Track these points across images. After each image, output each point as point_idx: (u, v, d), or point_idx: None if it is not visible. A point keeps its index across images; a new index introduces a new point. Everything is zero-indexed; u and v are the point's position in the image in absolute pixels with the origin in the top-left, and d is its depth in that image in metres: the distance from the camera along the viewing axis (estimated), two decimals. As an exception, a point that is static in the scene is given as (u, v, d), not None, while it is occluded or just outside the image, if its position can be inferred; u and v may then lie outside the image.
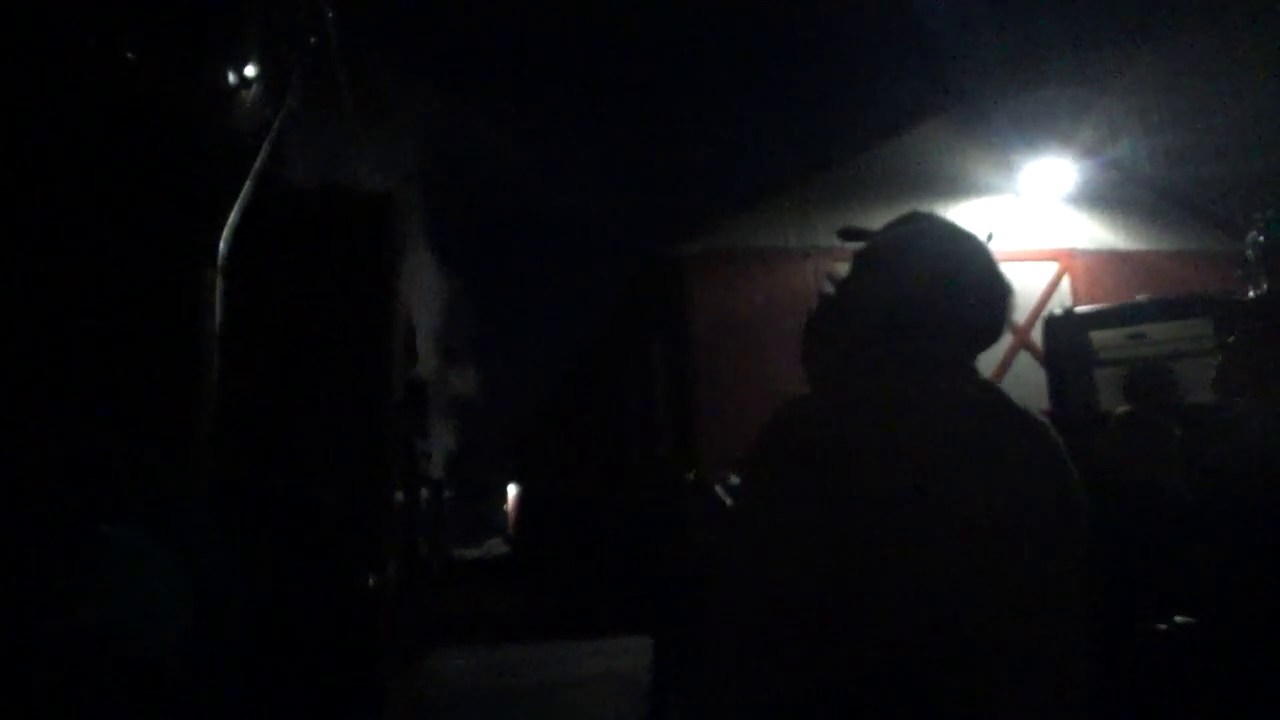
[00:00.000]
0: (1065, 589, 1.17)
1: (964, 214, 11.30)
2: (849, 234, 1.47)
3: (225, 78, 3.69)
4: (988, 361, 1.41)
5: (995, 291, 1.35)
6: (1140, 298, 5.65)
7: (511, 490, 38.32)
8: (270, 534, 3.98)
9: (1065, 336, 5.21)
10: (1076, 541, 1.19)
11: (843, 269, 1.44)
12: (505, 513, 40.67)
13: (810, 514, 1.22)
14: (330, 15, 5.40)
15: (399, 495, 6.40)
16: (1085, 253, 11.79)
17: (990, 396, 1.29)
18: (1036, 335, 8.37)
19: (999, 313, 1.35)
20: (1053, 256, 11.68)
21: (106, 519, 2.77)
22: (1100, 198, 11.87)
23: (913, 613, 1.14)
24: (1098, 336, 5.15)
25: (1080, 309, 5.99)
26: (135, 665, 2.36)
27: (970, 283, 1.34)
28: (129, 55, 3.38)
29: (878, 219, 1.51)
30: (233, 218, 3.42)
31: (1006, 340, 10.79)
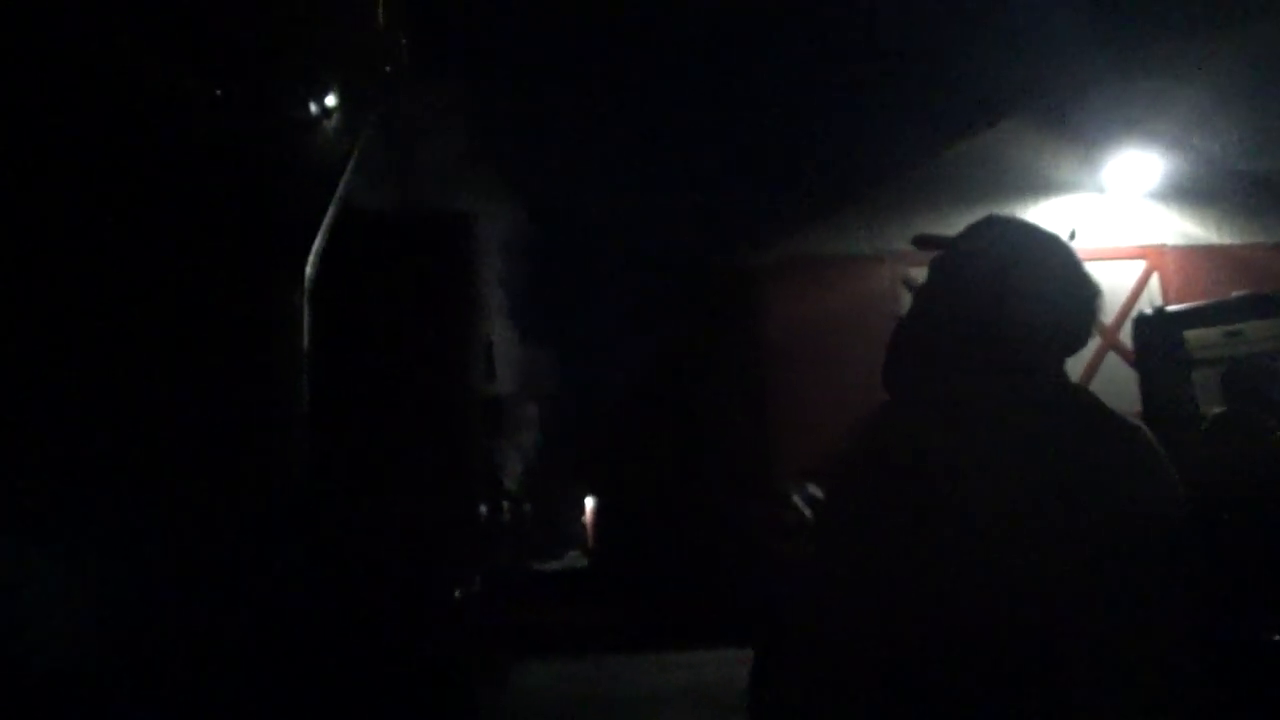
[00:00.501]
0: (1165, 598, 1.13)
1: (1045, 213, 11.03)
2: (924, 241, 1.45)
3: (307, 109, 3.84)
4: (1074, 365, 1.37)
5: (1082, 293, 1.31)
6: (1236, 293, 5.41)
7: (589, 503, 38.52)
8: (359, 549, 4.09)
9: (1157, 336, 5.02)
10: (1176, 549, 1.15)
11: (920, 274, 1.41)
12: (583, 525, 40.87)
13: (895, 526, 1.21)
14: (404, 44, 5.56)
15: (481, 509, 6.50)
16: (1175, 248, 11.34)
17: (1081, 401, 1.26)
18: (1125, 336, 8.09)
19: (1087, 315, 1.31)
20: (1140, 254, 11.26)
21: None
22: (1189, 191, 11.40)
23: (1002, 625, 1.11)
24: (1192, 335, 4.95)
25: (1172, 307, 5.76)
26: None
27: (1054, 285, 1.30)
28: (218, 92, 3.54)
29: (954, 222, 1.48)
30: (318, 242, 3.54)
31: (1095, 342, 10.41)
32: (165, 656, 2.68)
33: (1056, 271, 1.31)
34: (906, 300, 1.44)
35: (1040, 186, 11.14)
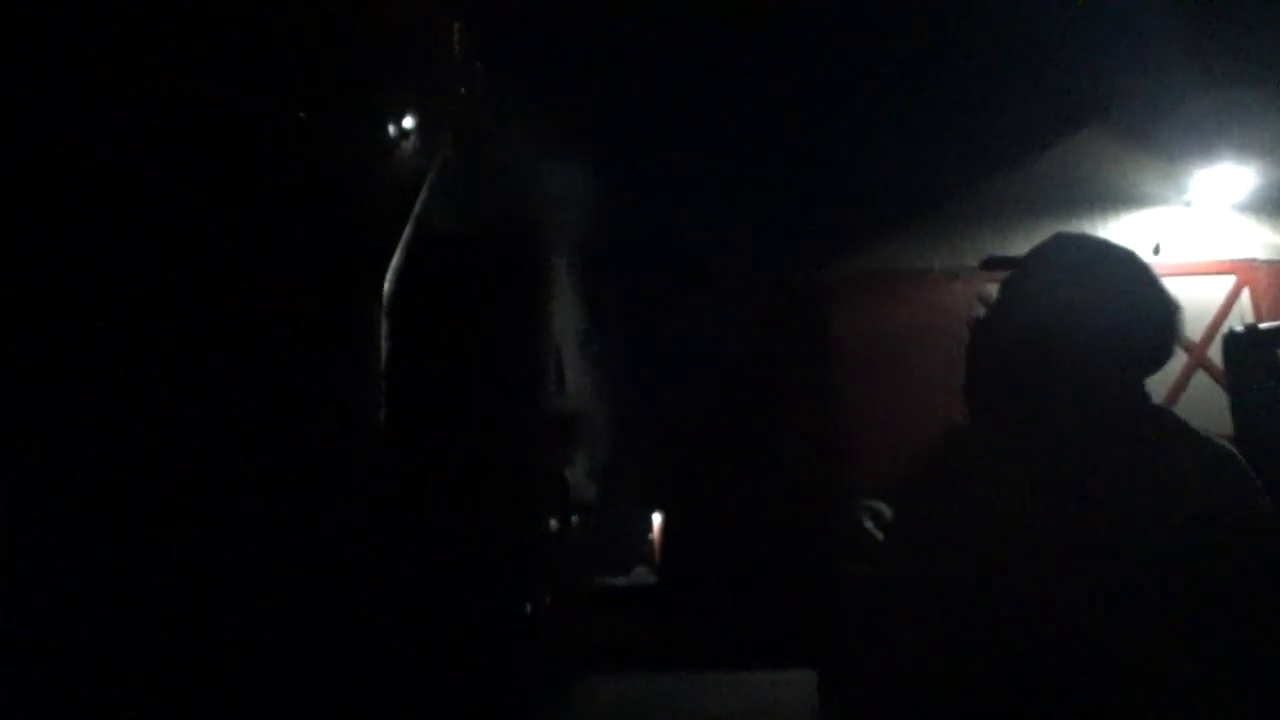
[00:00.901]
0: (1261, 626, 1.09)
1: (1128, 227, 10.69)
2: (992, 264, 1.43)
3: (386, 131, 3.95)
4: (1159, 384, 1.33)
5: (1159, 309, 1.27)
6: (1334, 310, 5.17)
7: (656, 519, 38.45)
8: (431, 561, 4.16)
9: (1248, 354, 4.83)
10: (1270, 575, 1.11)
11: (994, 290, 1.40)
12: (651, 541, 40.79)
13: (970, 549, 1.19)
14: (479, 66, 5.69)
15: (551, 523, 6.56)
16: (1267, 263, 10.87)
17: (1164, 422, 1.23)
18: (1214, 354, 7.76)
19: (1166, 332, 1.27)
20: (1230, 269, 10.83)
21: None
22: (1281, 203, 10.94)
23: (1082, 652, 1.09)
24: (1286, 353, 4.75)
25: (1265, 325, 5.53)
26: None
27: (1129, 303, 1.26)
28: (301, 115, 3.67)
29: (1031, 236, 1.45)
30: (395, 259, 3.64)
31: (1180, 361, 10.06)
32: (238, 657, 2.77)
33: (1130, 288, 1.28)
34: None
35: (1122, 199, 10.81)
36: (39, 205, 3.10)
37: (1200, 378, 9.40)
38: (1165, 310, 1.28)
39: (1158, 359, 1.28)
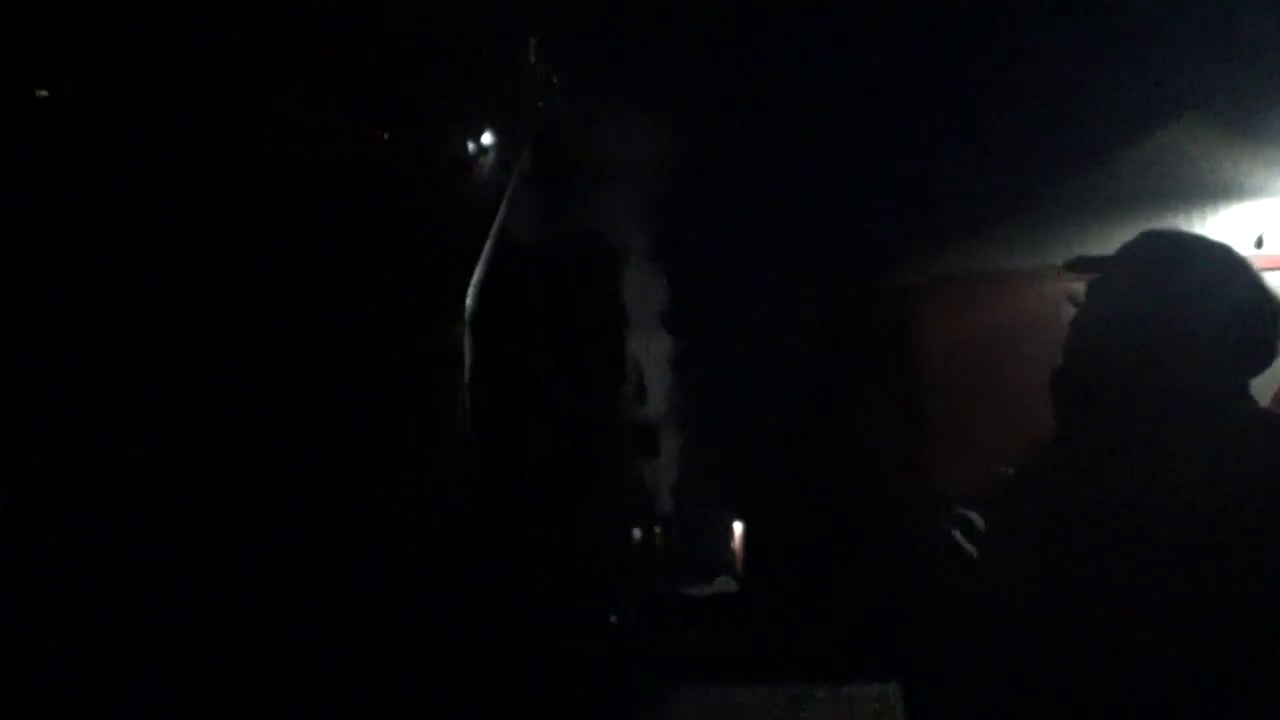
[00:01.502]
0: None
1: (1229, 220, 10.20)
2: (1077, 265, 1.37)
3: (465, 148, 4.03)
4: (1266, 386, 1.26)
5: (1261, 307, 1.20)
6: None
7: (737, 528, 38.25)
8: (516, 572, 4.21)
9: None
10: None
11: (1082, 290, 1.34)
12: (732, 550, 40.60)
13: (1065, 559, 1.15)
14: (556, 81, 5.76)
15: (635, 533, 6.58)
16: (1383, 255, 10.24)
17: (1268, 427, 1.16)
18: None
19: (1269, 331, 1.20)
20: (1343, 260, 10.25)
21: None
22: (1400, 190, 10.30)
23: (1187, 663, 1.05)
24: None
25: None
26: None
27: (1226, 300, 1.19)
28: (385, 135, 3.78)
29: (1124, 233, 1.39)
30: (477, 274, 3.71)
31: (1290, 358, 9.54)
32: (323, 667, 2.84)
33: (1226, 284, 1.21)
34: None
35: (1224, 192, 10.31)
36: (134, 220, 3.25)
37: (1313, 376, 8.91)
38: (1269, 307, 1.21)
39: (1263, 359, 1.21)
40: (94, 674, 2.70)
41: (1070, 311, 1.34)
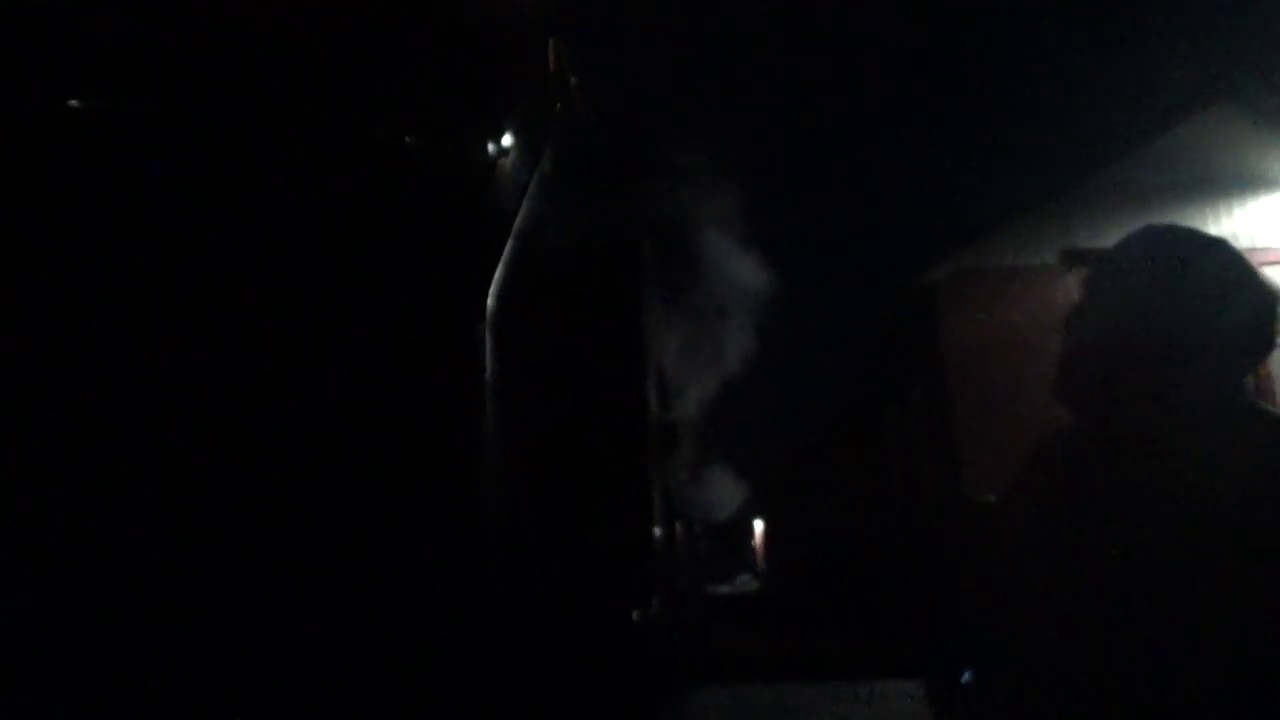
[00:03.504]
0: None
1: (1255, 211, 10.06)
2: (1069, 257, 1.40)
3: (486, 150, 4.05)
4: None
5: (1256, 299, 1.20)
6: None
7: (758, 525, 38.17)
8: (539, 572, 4.23)
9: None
10: None
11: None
12: (753, 548, 40.51)
13: (1069, 548, 1.17)
14: (574, 82, 5.77)
15: (656, 532, 6.59)
16: None
17: (1264, 419, 1.16)
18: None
19: (1265, 323, 1.20)
20: (1372, 252, 10.08)
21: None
22: None
23: (1188, 652, 1.05)
24: None
25: None
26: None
27: (1222, 294, 1.19)
28: (408, 139, 3.80)
29: (1153, 221, 1.39)
30: (498, 274, 3.72)
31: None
32: (342, 667, 2.86)
33: (1223, 279, 1.21)
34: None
35: (1250, 183, 10.19)
36: (159, 226, 3.29)
37: (1344, 370, 8.77)
38: (1263, 300, 1.21)
39: (1260, 351, 1.22)
40: (117, 678, 2.74)
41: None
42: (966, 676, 1.33)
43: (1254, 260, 1.25)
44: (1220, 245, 1.25)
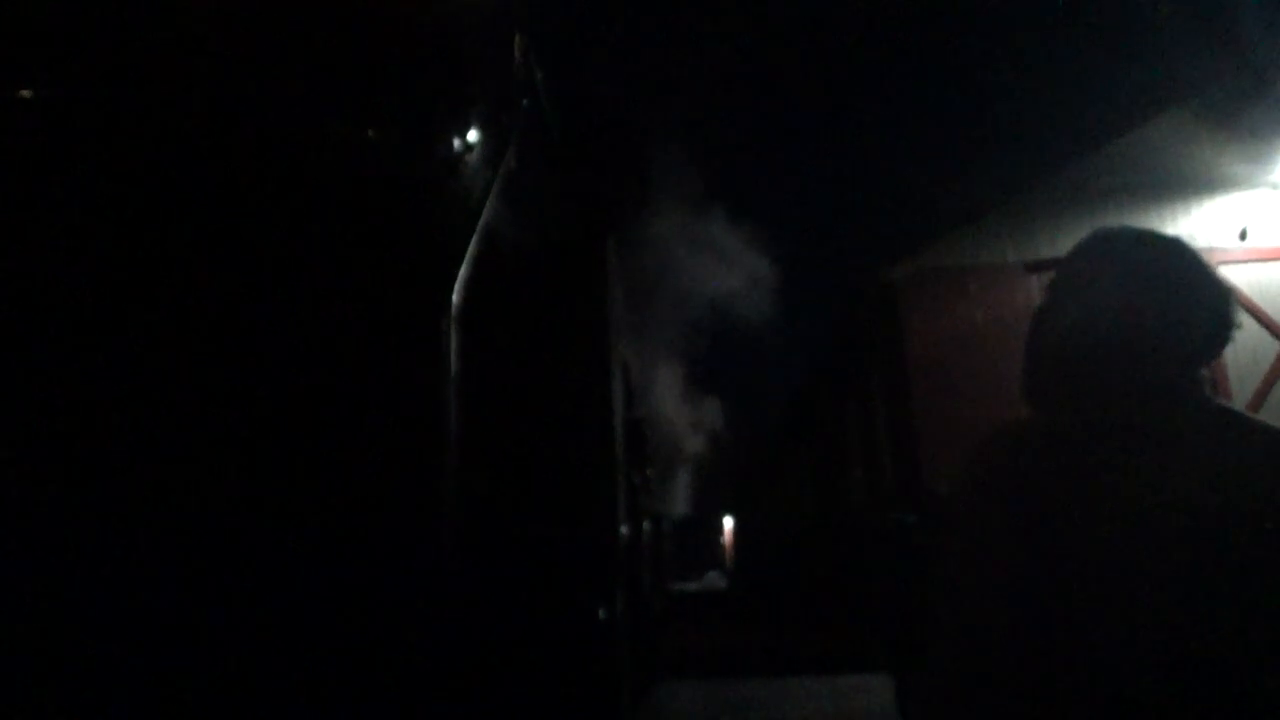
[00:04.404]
0: None
1: (1212, 211, 10.29)
2: (1033, 267, 1.44)
3: (451, 146, 4.02)
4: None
5: (1209, 297, 1.24)
6: None
7: (728, 522, 38.36)
8: (503, 569, 4.21)
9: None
10: None
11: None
12: (722, 545, 40.69)
13: (1033, 545, 1.19)
14: (540, 77, 5.75)
15: (623, 529, 6.59)
16: (1363, 246, 10.34)
17: (1219, 414, 1.19)
18: (1312, 341, 7.39)
19: (1219, 320, 1.24)
20: (1324, 252, 10.34)
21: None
22: (1380, 183, 10.40)
23: (1152, 649, 1.07)
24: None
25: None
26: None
27: (1177, 294, 1.24)
28: (370, 134, 3.76)
29: (1108, 224, 1.42)
30: (463, 271, 3.69)
31: (1272, 352, 9.63)
32: (303, 667, 2.83)
33: (1177, 279, 1.25)
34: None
35: (1207, 184, 10.41)
36: (121, 220, 3.23)
37: (1296, 367, 8.99)
38: (1217, 297, 1.25)
39: (1214, 348, 1.26)
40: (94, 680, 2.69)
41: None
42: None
43: (1210, 260, 1.28)
44: (1175, 244, 1.29)
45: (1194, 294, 1.25)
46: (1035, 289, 9.74)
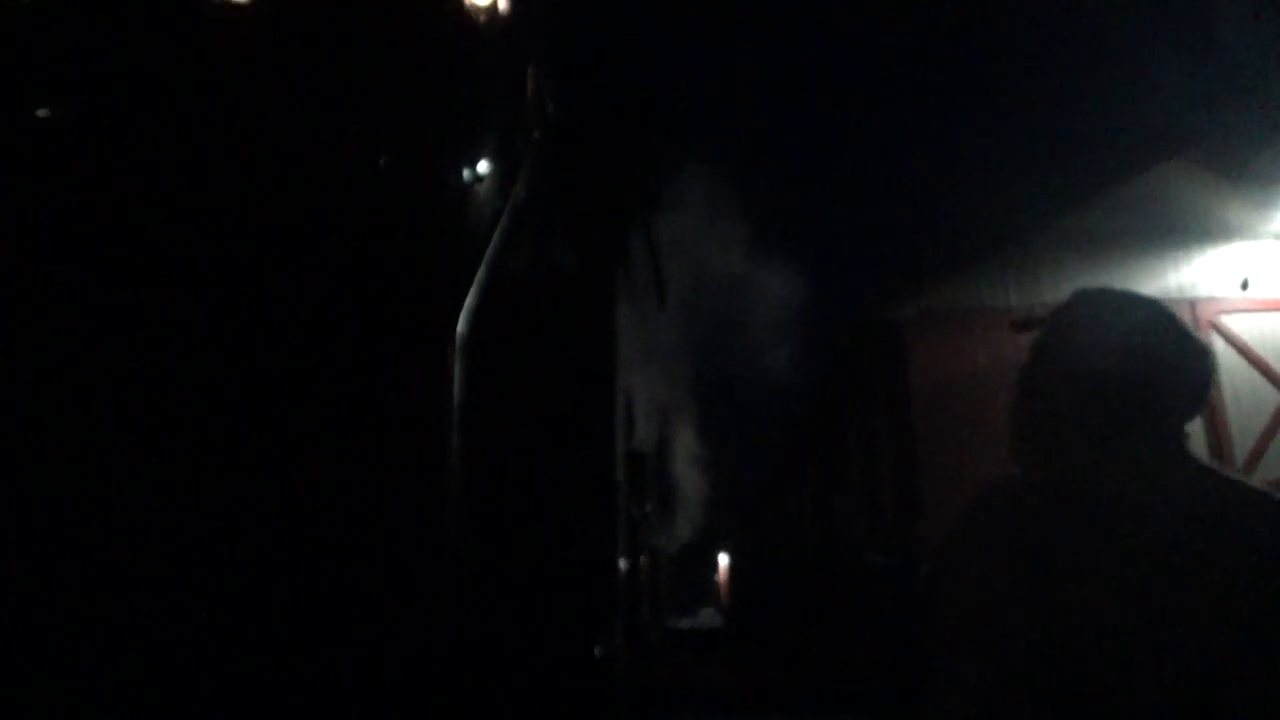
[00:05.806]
0: None
1: (1214, 260, 10.32)
2: (1019, 325, 1.46)
3: (462, 175, 4.06)
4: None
5: (1188, 358, 1.27)
6: None
7: (723, 560, 38.10)
8: (501, 605, 4.18)
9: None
10: None
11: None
12: (716, 582, 40.39)
13: (1019, 600, 1.20)
14: (551, 109, 5.81)
15: (621, 564, 6.56)
16: (1365, 297, 10.37)
17: (1202, 472, 1.22)
18: (1314, 392, 7.38)
19: (1198, 380, 1.27)
20: (1326, 303, 10.36)
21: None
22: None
23: (1138, 700, 1.07)
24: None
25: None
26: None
27: (1157, 355, 1.26)
28: (381, 162, 3.80)
29: (1111, 270, 1.44)
30: (470, 300, 3.71)
31: (1273, 403, 9.63)
32: (302, 694, 2.81)
33: (1156, 340, 1.28)
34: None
35: (1209, 233, 10.46)
36: (120, 235, 3.26)
37: (1298, 419, 8.97)
38: (1196, 357, 1.27)
39: (1195, 407, 1.28)
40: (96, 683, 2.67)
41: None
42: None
43: (1210, 309, 1.30)
44: (1152, 307, 1.32)
45: (1175, 354, 1.27)
46: (1038, 332, 9.76)
